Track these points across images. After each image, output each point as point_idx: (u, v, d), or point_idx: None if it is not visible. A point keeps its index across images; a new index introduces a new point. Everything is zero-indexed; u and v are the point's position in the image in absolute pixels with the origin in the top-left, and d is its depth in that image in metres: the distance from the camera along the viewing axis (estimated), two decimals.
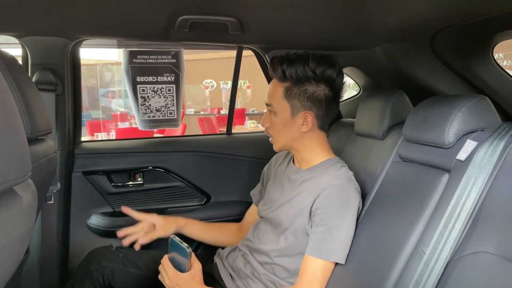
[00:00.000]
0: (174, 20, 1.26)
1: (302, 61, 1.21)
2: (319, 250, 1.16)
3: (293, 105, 1.23)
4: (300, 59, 1.21)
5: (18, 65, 1.12)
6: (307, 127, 1.24)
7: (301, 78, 1.22)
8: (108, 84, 10.76)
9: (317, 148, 1.29)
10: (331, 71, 1.22)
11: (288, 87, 1.23)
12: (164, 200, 1.92)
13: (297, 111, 1.24)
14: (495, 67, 1.53)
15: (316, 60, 1.21)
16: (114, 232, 1.81)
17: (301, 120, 1.24)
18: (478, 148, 0.90)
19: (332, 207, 1.17)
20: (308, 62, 1.21)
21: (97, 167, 1.83)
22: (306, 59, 1.21)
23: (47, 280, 1.72)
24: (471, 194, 0.85)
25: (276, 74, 1.25)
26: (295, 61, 1.21)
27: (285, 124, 1.25)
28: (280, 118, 1.26)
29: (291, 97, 1.23)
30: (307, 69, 1.21)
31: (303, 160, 1.31)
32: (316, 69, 1.21)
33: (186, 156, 1.94)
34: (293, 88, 1.23)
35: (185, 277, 1.16)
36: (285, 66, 1.22)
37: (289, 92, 1.23)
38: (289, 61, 1.22)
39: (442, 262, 0.84)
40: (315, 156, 1.29)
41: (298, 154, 1.31)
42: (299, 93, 1.23)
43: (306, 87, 1.22)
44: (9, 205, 0.62)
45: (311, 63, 1.20)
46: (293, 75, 1.22)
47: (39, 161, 1.11)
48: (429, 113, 1.09)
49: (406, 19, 1.22)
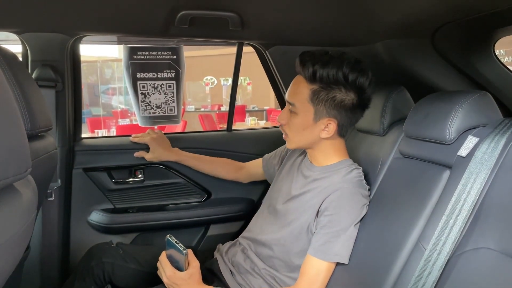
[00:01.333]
0: (174, 15, 1.25)
1: (336, 64, 1.13)
2: (324, 252, 1.15)
3: (317, 110, 1.17)
4: (334, 61, 1.13)
5: (18, 61, 1.11)
6: (328, 133, 1.20)
7: (331, 83, 1.14)
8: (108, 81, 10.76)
9: (332, 152, 1.27)
10: (363, 79, 1.15)
11: (316, 90, 1.16)
12: (165, 197, 1.92)
13: (321, 116, 1.18)
14: (496, 63, 1.53)
15: (350, 66, 1.13)
16: (115, 228, 1.82)
17: (322, 126, 1.19)
18: (479, 144, 0.90)
19: (341, 210, 1.16)
20: (343, 66, 1.12)
21: (98, 164, 1.82)
22: (341, 62, 1.13)
23: (48, 276, 1.72)
24: (472, 190, 0.85)
25: (306, 73, 1.16)
26: (329, 62, 1.13)
27: (305, 127, 1.20)
28: (300, 120, 1.20)
29: (317, 101, 1.16)
30: (339, 74, 1.13)
31: (316, 159, 1.30)
32: (349, 75, 1.13)
33: None
34: (321, 92, 1.16)
35: (183, 277, 1.16)
36: (318, 66, 1.13)
37: (316, 96, 1.16)
38: (322, 62, 1.13)
39: (443, 258, 0.84)
40: (328, 158, 1.28)
41: (313, 153, 1.30)
42: (327, 98, 1.16)
43: (335, 94, 1.15)
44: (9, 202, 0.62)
45: (345, 68, 1.12)
46: (324, 78, 1.14)
47: (39, 158, 1.11)
48: (430, 109, 1.09)
49: (407, 15, 1.22)
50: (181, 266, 1.17)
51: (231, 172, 1.74)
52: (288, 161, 1.45)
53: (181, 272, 1.16)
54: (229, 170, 1.75)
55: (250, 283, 1.29)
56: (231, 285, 1.31)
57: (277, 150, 1.59)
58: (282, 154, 1.54)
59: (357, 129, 1.54)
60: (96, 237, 1.79)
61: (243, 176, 1.74)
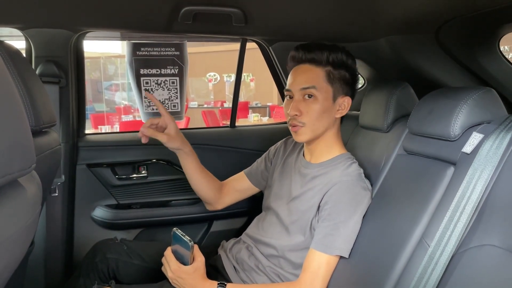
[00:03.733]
0: (177, 11, 1.25)
1: (338, 48, 1.26)
2: (324, 245, 1.15)
3: (336, 89, 1.25)
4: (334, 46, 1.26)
5: (22, 57, 1.12)
6: (342, 112, 1.28)
7: (339, 64, 1.25)
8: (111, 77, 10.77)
9: (334, 143, 1.30)
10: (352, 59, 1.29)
11: (329, 71, 1.25)
12: (168, 193, 1.93)
13: (338, 94, 1.26)
14: (501, 59, 1.52)
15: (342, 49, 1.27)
16: (118, 224, 1.83)
17: (337, 106, 1.27)
18: (484, 141, 0.90)
19: (340, 203, 1.17)
20: (340, 49, 1.26)
21: (101, 160, 1.83)
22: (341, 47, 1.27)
23: (52, 272, 1.73)
24: (477, 187, 0.85)
25: (319, 57, 1.25)
26: (333, 47, 1.26)
27: (325, 110, 1.24)
28: (321, 103, 1.23)
29: (333, 80, 1.25)
30: (343, 55, 1.25)
31: (315, 154, 1.30)
32: (348, 56, 1.27)
33: None
34: (334, 72, 1.25)
35: (188, 271, 1.16)
36: (327, 50, 1.24)
37: (331, 76, 1.25)
38: (330, 47, 1.25)
39: (447, 255, 0.83)
40: (328, 151, 1.29)
41: (314, 148, 1.30)
42: (340, 76, 1.26)
43: (344, 73, 1.26)
44: (14, 197, 0.63)
45: (342, 50, 1.26)
46: (336, 59, 1.24)
47: (43, 153, 1.11)
48: (435, 105, 1.08)
49: (411, 10, 1.21)
50: (186, 261, 1.17)
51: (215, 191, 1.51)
52: (279, 162, 1.44)
53: (186, 266, 1.17)
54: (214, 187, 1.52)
55: (254, 280, 1.29)
56: (234, 282, 1.31)
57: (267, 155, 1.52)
58: (269, 157, 1.51)
59: (361, 125, 1.54)
60: (99, 233, 1.80)
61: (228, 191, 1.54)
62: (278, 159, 1.46)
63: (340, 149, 1.30)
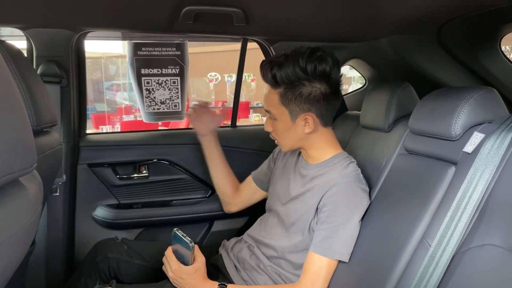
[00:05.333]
0: (178, 11, 1.25)
1: (291, 62, 1.14)
2: (324, 248, 1.15)
3: (291, 110, 1.20)
4: (289, 61, 1.15)
5: (23, 57, 1.12)
6: (309, 128, 1.21)
7: (293, 81, 1.16)
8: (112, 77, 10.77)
9: (325, 145, 1.28)
10: (323, 66, 1.15)
11: (282, 92, 1.19)
12: (169, 193, 1.93)
13: (296, 114, 1.20)
14: (502, 59, 1.52)
15: (305, 58, 1.14)
16: (119, 224, 1.83)
17: (302, 122, 1.21)
18: (485, 141, 0.89)
19: (339, 205, 1.16)
20: (298, 62, 1.14)
21: (102, 160, 1.83)
22: (296, 59, 1.14)
23: (53, 271, 1.74)
24: (478, 186, 0.85)
25: (267, 80, 1.21)
26: (284, 63, 1.15)
27: (287, 129, 1.23)
28: (281, 124, 1.23)
29: (287, 102, 1.19)
30: (297, 70, 1.14)
31: (311, 157, 1.30)
32: (307, 68, 1.14)
33: (191, 148, 1.94)
34: (288, 93, 1.18)
35: (188, 271, 1.17)
36: (275, 70, 1.16)
37: (284, 98, 1.19)
38: (278, 65, 1.16)
39: (448, 255, 0.83)
40: (323, 152, 1.28)
41: (306, 152, 1.30)
42: (295, 97, 1.18)
43: (301, 90, 1.17)
44: (15, 197, 0.63)
45: (301, 63, 1.13)
46: (284, 79, 1.16)
47: (45, 153, 1.11)
48: (436, 105, 1.08)
49: (413, 10, 1.21)
50: (187, 261, 1.17)
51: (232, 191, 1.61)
52: (280, 162, 1.45)
53: (186, 266, 1.17)
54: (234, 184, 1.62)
55: (255, 279, 1.29)
56: (235, 281, 1.31)
57: (264, 162, 1.57)
58: (274, 158, 1.53)
59: (362, 125, 1.54)
60: (100, 233, 1.79)
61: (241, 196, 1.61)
62: (280, 159, 1.46)
63: (334, 149, 1.29)
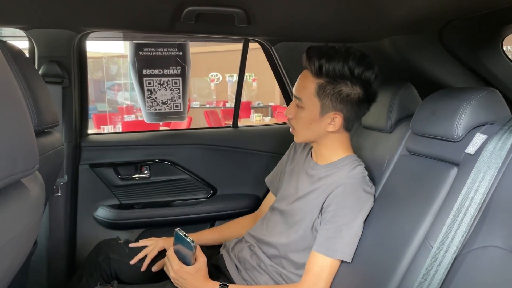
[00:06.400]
0: (180, 11, 1.25)
1: (341, 58, 1.14)
2: (326, 248, 1.15)
3: (324, 104, 1.18)
4: (340, 56, 1.14)
5: (25, 57, 1.12)
6: (334, 127, 1.20)
7: (337, 77, 1.15)
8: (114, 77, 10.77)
9: (338, 147, 1.27)
10: (369, 73, 1.16)
11: (322, 84, 1.17)
12: (171, 193, 1.93)
13: (327, 110, 1.19)
14: (505, 59, 1.51)
15: (356, 60, 1.14)
16: (121, 224, 1.83)
17: (328, 120, 1.20)
18: (487, 142, 0.89)
19: (344, 205, 1.16)
20: (348, 60, 1.13)
21: (104, 160, 1.83)
22: (346, 56, 1.14)
23: (55, 271, 1.74)
24: (480, 188, 0.84)
25: (312, 68, 1.17)
26: (334, 57, 1.14)
27: (312, 121, 1.21)
28: (307, 114, 1.21)
29: (323, 95, 1.17)
30: (345, 68, 1.13)
31: (321, 155, 1.29)
32: (355, 69, 1.14)
33: (192, 149, 1.95)
34: (327, 87, 1.17)
35: (190, 271, 1.17)
36: (324, 61, 1.14)
37: (323, 90, 1.17)
38: (328, 57, 1.14)
39: (450, 256, 0.83)
40: (334, 153, 1.27)
41: (318, 149, 1.30)
42: (333, 93, 1.17)
43: (341, 88, 1.16)
44: (17, 198, 0.63)
45: (351, 62, 1.13)
46: (330, 73, 1.15)
47: (46, 154, 1.11)
48: (438, 106, 1.08)
49: (415, 11, 1.21)
50: (188, 261, 1.17)
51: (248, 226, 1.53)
52: (290, 163, 1.44)
53: (188, 267, 1.17)
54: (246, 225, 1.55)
55: (256, 279, 1.29)
56: (236, 281, 1.31)
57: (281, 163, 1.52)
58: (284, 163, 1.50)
59: (364, 126, 1.54)
60: (102, 233, 1.80)
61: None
62: (288, 163, 1.45)
63: (345, 151, 1.28)
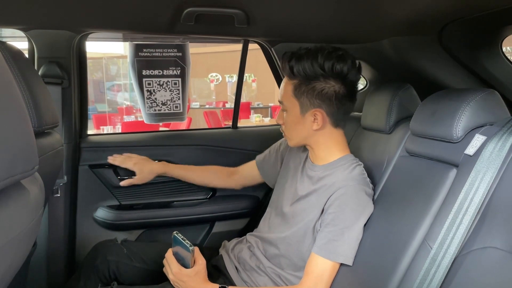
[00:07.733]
0: (180, 12, 1.25)
1: (310, 57, 1.17)
2: (328, 250, 1.15)
3: (302, 103, 1.22)
4: (309, 55, 1.18)
5: (24, 58, 1.12)
6: (317, 124, 1.22)
7: (309, 75, 1.19)
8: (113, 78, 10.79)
9: (332, 146, 1.27)
10: (340, 65, 1.17)
11: (296, 84, 1.21)
12: (170, 194, 1.93)
13: (306, 108, 1.22)
14: (504, 60, 1.51)
15: (325, 55, 1.16)
16: (120, 225, 1.83)
17: (311, 118, 1.22)
18: (486, 143, 0.89)
19: (345, 208, 1.16)
20: (317, 57, 1.16)
21: (104, 161, 1.83)
22: (315, 54, 1.17)
23: (54, 272, 1.74)
24: (480, 189, 0.84)
25: (285, 71, 1.24)
26: (303, 57, 1.18)
27: (296, 122, 1.24)
28: (291, 116, 1.25)
29: (300, 94, 1.21)
30: (315, 65, 1.17)
31: (318, 156, 1.30)
32: (324, 65, 1.17)
33: (192, 149, 1.94)
34: (302, 86, 1.21)
35: (189, 274, 1.17)
36: (293, 62, 1.19)
37: (298, 90, 1.21)
38: (297, 57, 1.19)
39: (449, 257, 0.83)
40: (329, 153, 1.28)
41: (313, 151, 1.30)
42: (307, 90, 1.20)
43: (314, 85, 1.19)
44: (17, 199, 0.63)
45: (319, 59, 1.16)
46: (301, 72, 1.19)
47: (46, 155, 1.11)
48: (437, 107, 1.08)
49: (414, 12, 1.21)
50: (187, 263, 1.17)
51: (222, 178, 1.69)
52: (289, 161, 1.44)
53: (187, 269, 1.17)
54: (220, 176, 1.70)
55: (255, 280, 1.29)
56: (236, 282, 1.31)
57: (270, 149, 1.59)
58: (281, 150, 1.53)
59: (363, 126, 1.54)
60: (101, 234, 1.80)
61: (235, 181, 1.68)
62: (288, 158, 1.46)
63: (342, 151, 1.28)
